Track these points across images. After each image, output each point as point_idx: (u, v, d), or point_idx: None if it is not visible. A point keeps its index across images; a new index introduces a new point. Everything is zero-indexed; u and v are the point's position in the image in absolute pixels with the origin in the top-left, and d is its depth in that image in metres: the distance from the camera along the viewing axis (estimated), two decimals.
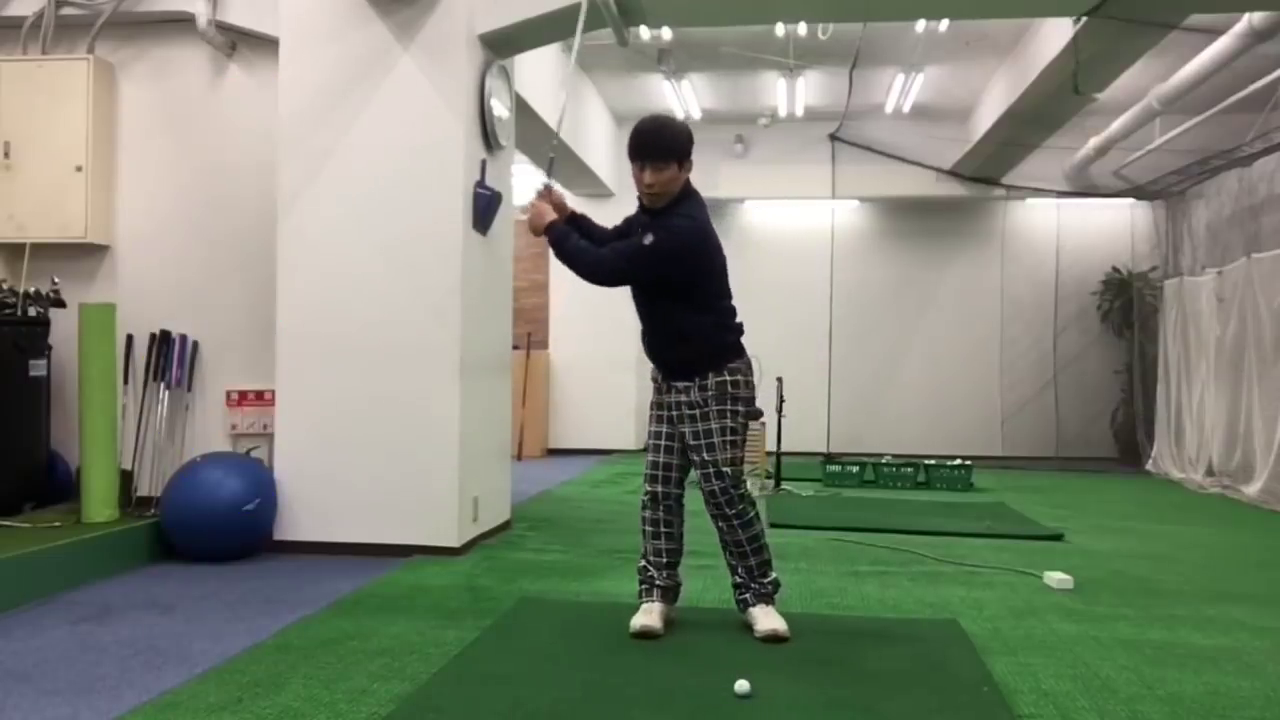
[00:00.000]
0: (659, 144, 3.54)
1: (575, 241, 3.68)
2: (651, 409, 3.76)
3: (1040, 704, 2.91)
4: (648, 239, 3.52)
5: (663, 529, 3.71)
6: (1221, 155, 8.52)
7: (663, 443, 3.68)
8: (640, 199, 3.66)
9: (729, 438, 3.58)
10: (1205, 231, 9.05)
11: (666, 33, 7.73)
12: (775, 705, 2.86)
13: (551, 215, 3.72)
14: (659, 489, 3.70)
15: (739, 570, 3.69)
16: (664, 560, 3.70)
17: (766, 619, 3.57)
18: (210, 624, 3.71)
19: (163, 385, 5.37)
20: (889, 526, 6.04)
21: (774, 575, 3.71)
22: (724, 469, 3.56)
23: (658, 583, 3.68)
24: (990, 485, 8.37)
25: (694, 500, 3.73)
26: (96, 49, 5.45)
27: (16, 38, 5.47)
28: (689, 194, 3.65)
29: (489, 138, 5.33)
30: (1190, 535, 6.14)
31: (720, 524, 3.65)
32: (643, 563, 3.74)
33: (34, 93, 5.37)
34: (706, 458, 3.57)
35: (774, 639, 3.49)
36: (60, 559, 4.27)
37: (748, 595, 3.67)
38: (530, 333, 10.67)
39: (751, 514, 3.63)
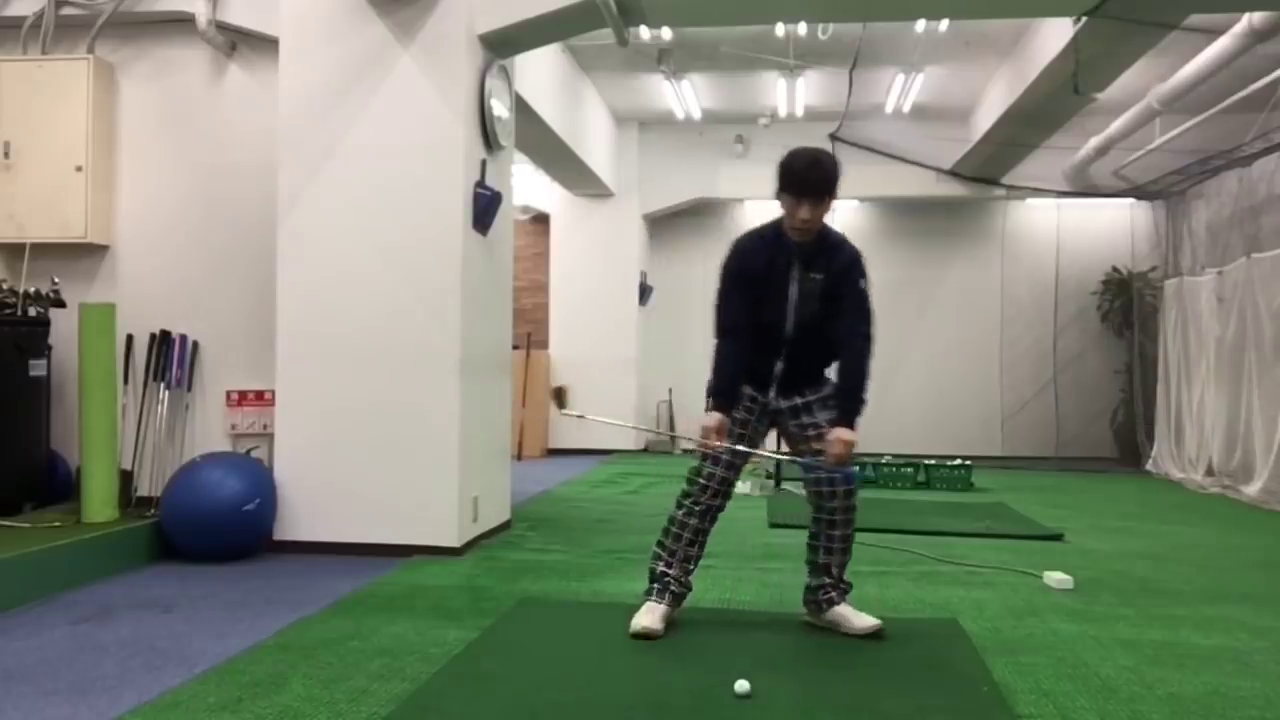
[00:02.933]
0: (822, 180, 3.43)
1: (844, 388, 3.57)
2: (734, 426, 3.59)
3: (1040, 704, 2.91)
4: (862, 284, 3.52)
5: (700, 538, 3.69)
6: (1221, 155, 8.52)
7: (737, 461, 3.61)
8: (788, 232, 3.51)
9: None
10: (1205, 231, 9.05)
11: (666, 33, 7.74)
12: (775, 705, 2.86)
13: (718, 423, 3.55)
14: (719, 502, 3.65)
15: (832, 569, 3.66)
16: (690, 567, 3.70)
17: (860, 617, 3.59)
18: (210, 624, 3.71)
19: (163, 385, 5.37)
20: (889, 526, 6.03)
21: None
22: (851, 460, 3.56)
23: (673, 588, 3.67)
24: (990, 485, 8.37)
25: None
26: (96, 49, 5.45)
27: (16, 38, 5.47)
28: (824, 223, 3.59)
29: (489, 138, 5.32)
30: (1190, 535, 6.14)
31: (836, 516, 3.60)
32: (661, 566, 3.68)
33: (34, 93, 5.37)
34: None
35: (879, 634, 3.52)
36: (60, 559, 4.28)
37: (834, 594, 3.66)
38: (530, 333, 10.67)
39: (855, 509, 3.63)
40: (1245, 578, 4.85)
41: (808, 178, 3.43)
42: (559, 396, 3.40)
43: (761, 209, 11.75)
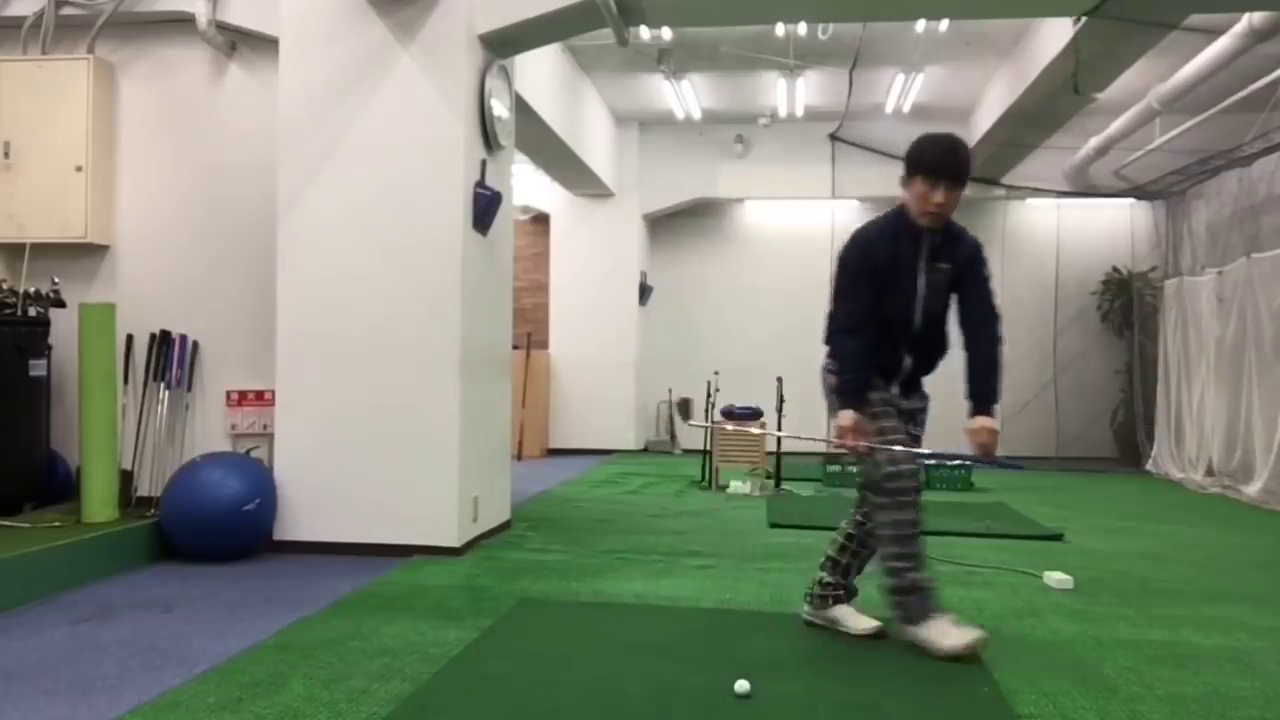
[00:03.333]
0: (962, 164, 3.35)
1: (981, 375, 3.51)
2: (891, 416, 3.46)
3: (1040, 704, 2.91)
4: (986, 273, 3.49)
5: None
6: (1221, 155, 8.52)
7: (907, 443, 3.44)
8: (917, 219, 3.39)
9: None
10: (1205, 231, 9.05)
11: (666, 33, 7.74)
12: (775, 705, 2.86)
13: (855, 421, 3.38)
14: (920, 484, 3.44)
15: (851, 571, 3.65)
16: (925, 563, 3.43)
17: (861, 618, 3.57)
18: (210, 624, 3.71)
19: (163, 385, 5.37)
20: None
21: None
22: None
23: (933, 591, 3.40)
24: (990, 485, 8.37)
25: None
26: (96, 49, 5.45)
27: (16, 38, 5.47)
28: None
29: (489, 138, 5.33)
30: (1190, 535, 6.14)
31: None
32: (914, 575, 3.36)
33: (34, 93, 5.37)
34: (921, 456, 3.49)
35: (880, 635, 3.51)
36: (60, 559, 4.28)
37: (842, 594, 3.65)
38: (530, 333, 10.67)
39: None
40: (1245, 578, 4.85)
41: (947, 161, 3.34)
42: (684, 409, 3.37)
43: (762, 208, 11.80)
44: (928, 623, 3.32)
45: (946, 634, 3.29)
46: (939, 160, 3.34)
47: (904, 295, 3.42)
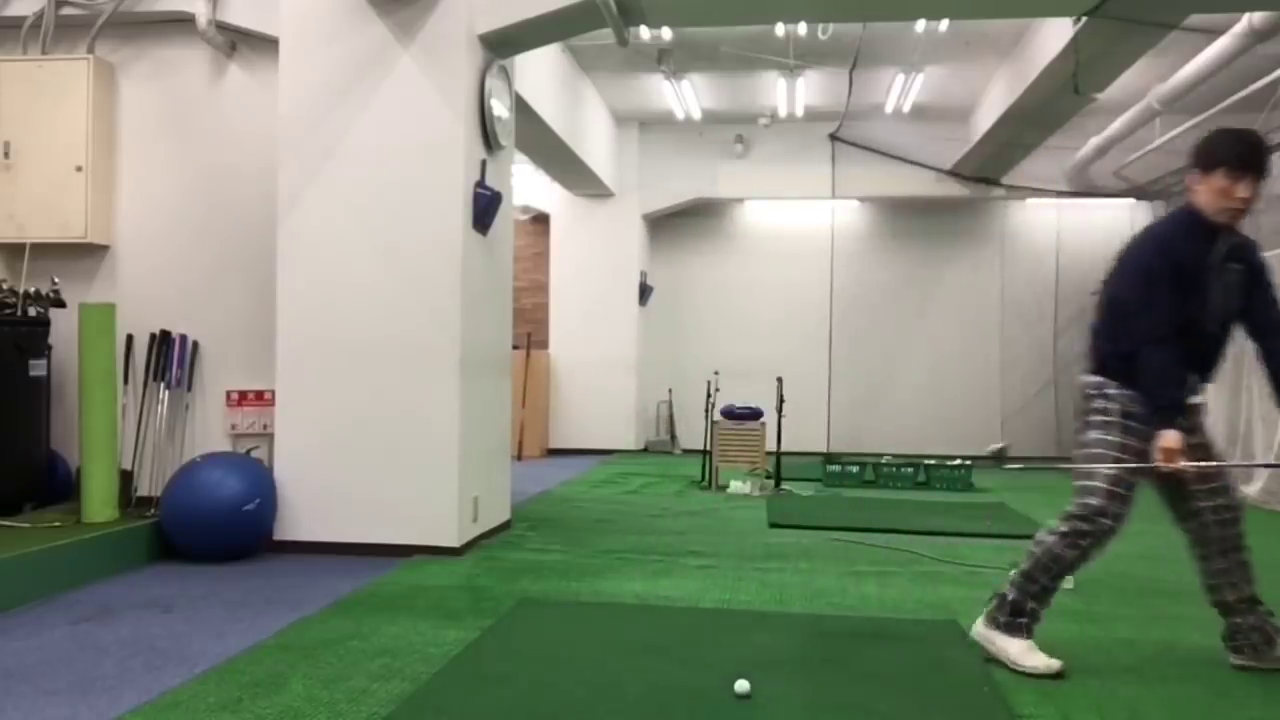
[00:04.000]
0: (1267, 157, 3.16)
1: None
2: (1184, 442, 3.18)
3: (1040, 704, 2.92)
4: (1270, 272, 3.31)
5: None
6: None
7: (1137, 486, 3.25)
8: (1216, 215, 3.24)
9: None
10: None
11: (666, 33, 7.73)
12: (775, 705, 2.86)
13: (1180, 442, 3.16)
14: (1111, 541, 3.27)
15: (1241, 579, 3.45)
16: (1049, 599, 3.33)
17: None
18: (210, 624, 3.71)
19: (163, 385, 5.37)
20: (889, 526, 6.04)
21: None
22: None
23: (1037, 621, 3.30)
24: (990, 485, 8.37)
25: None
26: (96, 49, 5.45)
27: (16, 38, 5.47)
28: None
29: (489, 138, 5.33)
30: None
31: (1244, 539, 3.44)
32: (1032, 603, 3.27)
33: (34, 93, 5.37)
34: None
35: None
36: (60, 559, 4.28)
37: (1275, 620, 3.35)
38: (530, 333, 10.68)
39: None
40: None
41: (1256, 154, 3.18)
42: (999, 455, 3.38)
43: (762, 208, 11.79)
44: (1017, 640, 3.24)
45: (1030, 654, 3.21)
46: (1247, 153, 3.18)
47: (1201, 300, 3.16)
